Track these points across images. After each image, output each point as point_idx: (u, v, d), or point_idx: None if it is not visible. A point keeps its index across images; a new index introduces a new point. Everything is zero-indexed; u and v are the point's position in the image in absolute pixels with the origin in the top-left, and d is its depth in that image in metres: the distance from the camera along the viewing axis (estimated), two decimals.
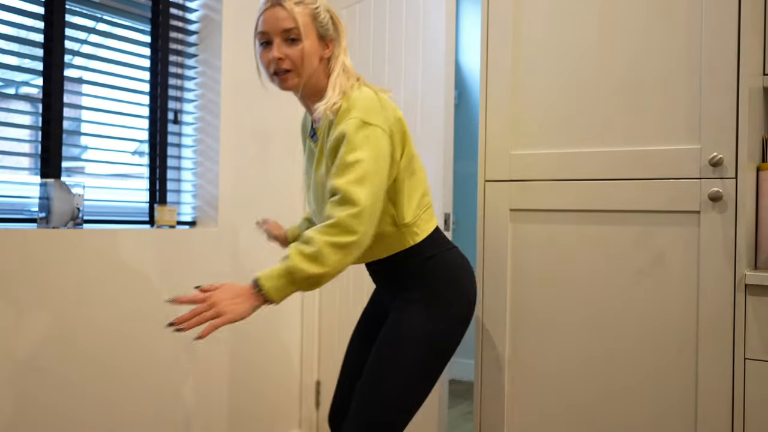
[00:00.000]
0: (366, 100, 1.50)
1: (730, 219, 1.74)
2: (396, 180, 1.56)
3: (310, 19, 1.54)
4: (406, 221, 1.58)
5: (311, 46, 1.54)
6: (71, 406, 1.97)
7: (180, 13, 2.49)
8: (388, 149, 1.48)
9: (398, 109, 1.57)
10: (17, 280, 1.84)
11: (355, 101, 1.50)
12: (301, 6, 1.54)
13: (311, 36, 1.54)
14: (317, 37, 1.56)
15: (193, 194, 2.54)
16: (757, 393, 1.70)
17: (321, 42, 1.57)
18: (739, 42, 1.73)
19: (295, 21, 1.52)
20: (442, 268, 1.61)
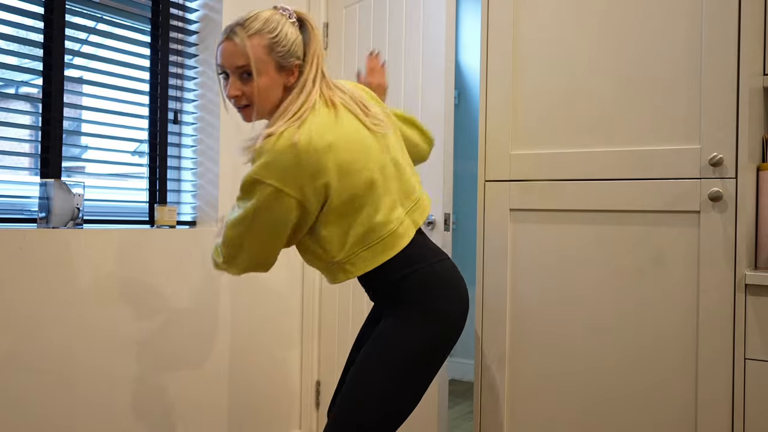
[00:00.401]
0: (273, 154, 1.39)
1: (730, 219, 1.74)
2: (317, 223, 1.50)
3: (265, 52, 1.45)
4: (335, 259, 1.52)
5: (268, 81, 1.47)
6: (71, 406, 1.97)
7: (180, 13, 2.49)
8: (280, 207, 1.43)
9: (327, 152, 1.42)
10: (17, 280, 1.84)
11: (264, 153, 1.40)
12: (256, 38, 1.46)
13: (268, 70, 1.47)
14: (275, 68, 1.48)
15: (193, 194, 2.54)
16: (757, 393, 1.70)
17: (282, 72, 1.49)
18: (739, 42, 1.73)
19: (247, 57, 1.45)
20: (411, 290, 1.53)
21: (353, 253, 1.51)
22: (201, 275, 2.37)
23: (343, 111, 1.51)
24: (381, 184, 1.51)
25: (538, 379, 2.01)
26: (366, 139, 1.51)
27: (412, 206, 1.59)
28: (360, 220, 1.49)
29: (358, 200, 1.49)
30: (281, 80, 1.49)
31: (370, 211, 1.50)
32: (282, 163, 1.40)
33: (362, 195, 1.49)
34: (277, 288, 2.71)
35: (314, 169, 1.42)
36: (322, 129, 1.44)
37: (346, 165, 1.45)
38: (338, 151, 1.44)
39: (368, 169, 1.49)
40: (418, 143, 1.83)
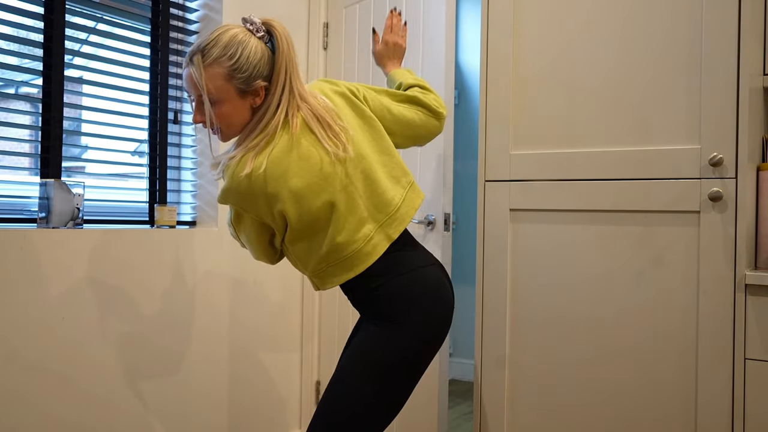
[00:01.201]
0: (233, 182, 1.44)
1: (730, 219, 1.74)
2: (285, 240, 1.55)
3: (224, 80, 1.43)
4: (306, 270, 1.58)
5: (230, 108, 1.46)
6: (71, 406, 1.97)
7: (180, 13, 2.49)
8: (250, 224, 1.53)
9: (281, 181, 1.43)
10: (17, 280, 1.84)
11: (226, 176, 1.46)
12: (214, 66, 1.42)
13: (229, 97, 1.45)
14: (237, 94, 1.45)
15: (193, 194, 2.54)
16: (757, 393, 1.70)
17: (245, 96, 1.46)
18: (739, 42, 1.73)
19: (206, 87, 1.43)
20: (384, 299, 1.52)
21: (321, 269, 1.54)
22: (201, 275, 2.37)
23: (304, 134, 1.48)
24: (344, 205, 1.50)
25: (538, 379, 2.01)
26: (325, 163, 1.48)
27: (385, 220, 1.55)
28: (322, 242, 1.51)
29: (318, 224, 1.50)
30: (245, 104, 1.48)
31: (332, 232, 1.50)
32: (239, 191, 1.45)
33: (322, 218, 1.49)
34: (277, 288, 2.71)
35: (269, 197, 1.44)
36: (279, 157, 1.44)
37: (302, 192, 1.45)
38: (293, 178, 1.44)
39: (327, 192, 1.48)
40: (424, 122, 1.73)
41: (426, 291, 1.53)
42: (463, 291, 4.11)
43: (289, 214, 1.46)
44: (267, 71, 1.48)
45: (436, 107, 1.72)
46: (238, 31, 1.47)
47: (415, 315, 1.50)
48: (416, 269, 1.55)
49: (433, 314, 1.53)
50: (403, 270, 1.54)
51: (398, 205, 1.57)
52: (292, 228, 1.50)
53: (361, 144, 1.56)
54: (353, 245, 1.51)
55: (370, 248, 1.52)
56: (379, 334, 1.50)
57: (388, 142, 1.63)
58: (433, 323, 1.53)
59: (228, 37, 1.44)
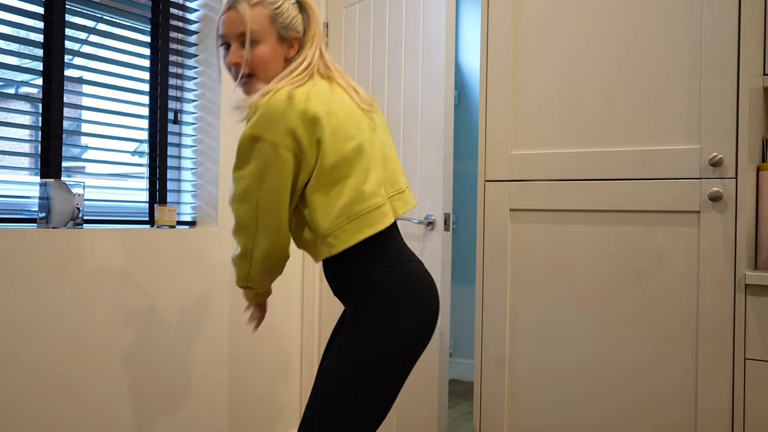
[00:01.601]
0: (269, 107, 1.40)
1: (730, 219, 1.74)
2: (308, 187, 1.47)
3: (267, 21, 1.49)
4: (320, 230, 1.47)
5: (269, 50, 1.50)
6: (71, 406, 1.97)
7: (180, 13, 2.49)
8: (280, 163, 1.42)
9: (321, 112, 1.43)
10: (17, 280, 1.84)
11: (259, 108, 1.41)
12: (259, 7, 1.49)
13: (269, 39, 1.49)
14: (277, 39, 1.51)
15: (193, 194, 2.54)
16: (757, 393, 1.70)
17: (283, 43, 1.52)
18: (739, 42, 1.73)
19: (249, 25, 1.47)
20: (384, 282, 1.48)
21: (338, 225, 1.46)
22: (201, 275, 2.37)
23: (338, 86, 1.53)
24: (370, 156, 1.51)
25: (538, 379, 2.01)
26: (358, 114, 1.52)
27: (395, 193, 1.56)
28: (348, 187, 1.47)
29: (347, 166, 1.47)
30: (282, 51, 1.52)
31: (358, 179, 1.48)
32: (278, 114, 1.40)
33: (351, 161, 1.47)
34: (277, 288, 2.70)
35: (309, 122, 1.42)
36: (319, 94, 1.47)
37: (338, 128, 1.45)
38: (332, 115, 1.45)
39: (359, 138, 1.49)
40: None
41: (416, 285, 1.51)
42: (463, 291, 4.11)
43: (324, 146, 1.43)
44: (301, 29, 1.54)
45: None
46: None
47: (404, 309, 1.48)
48: (407, 262, 1.53)
49: (422, 309, 1.50)
50: (394, 261, 1.51)
51: (404, 188, 1.61)
52: (321, 168, 1.44)
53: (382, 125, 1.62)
54: (376, 199, 1.49)
55: (387, 209, 1.52)
56: (365, 329, 1.47)
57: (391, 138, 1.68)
58: (423, 318, 1.50)
59: None
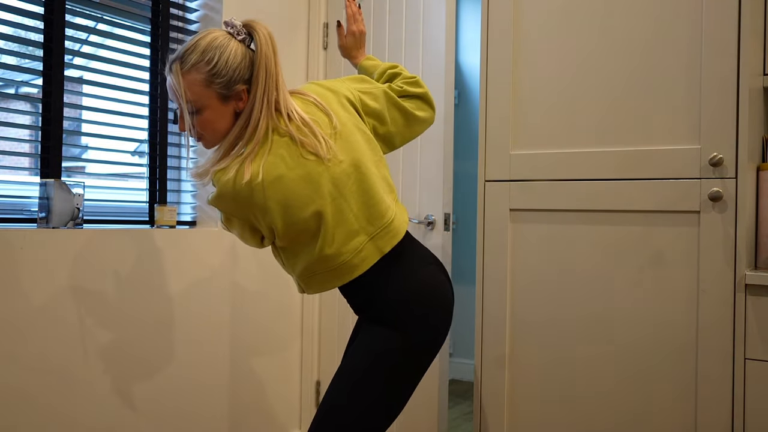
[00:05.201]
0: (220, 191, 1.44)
1: (730, 219, 1.74)
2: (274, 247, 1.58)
3: (203, 87, 1.42)
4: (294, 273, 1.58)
5: (213, 114, 1.45)
6: (71, 406, 1.97)
7: (180, 13, 2.49)
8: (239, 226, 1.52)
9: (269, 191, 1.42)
10: (18, 280, 1.84)
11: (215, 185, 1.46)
12: (192, 72, 1.42)
13: (210, 103, 1.44)
14: (218, 99, 1.44)
15: (193, 194, 2.54)
16: (757, 393, 1.70)
17: (227, 101, 1.45)
18: (739, 42, 1.73)
19: (185, 95, 1.42)
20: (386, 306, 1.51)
21: (307, 275, 1.53)
22: (201, 275, 2.37)
23: (288, 143, 1.45)
24: (332, 217, 1.47)
25: (538, 379, 2.01)
26: (313, 174, 1.45)
27: (377, 232, 1.50)
28: (310, 251, 1.49)
29: (306, 235, 1.48)
30: (228, 109, 1.46)
31: (321, 243, 1.47)
32: (228, 199, 1.44)
33: (310, 229, 1.47)
34: (277, 288, 2.71)
35: (258, 208, 1.44)
36: (274, 163, 1.42)
37: (290, 202, 1.43)
38: (281, 189, 1.42)
39: (315, 203, 1.45)
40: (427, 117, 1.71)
41: (424, 294, 1.52)
42: (463, 291, 4.11)
43: (277, 226, 1.46)
44: (249, 74, 1.46)
45: (431, 98, 1.73)
46: (218, 35, 1.46)
47: (415, 319, 1.49)
48: (413, 273, 1.53)
49: (431, 316, 1.51)
50: (400, 276, 1.52)
51: (392, 219, 1.53)
52: (280, 237, 1.50)
53: (362, 153, 1.53)
54: (342, 257, 1.48)
55: (358, 261, 1.49)
56: (381, 337, 1.49)
57: (380, 153, 1.61)
58: (434, 324, 1.52)
59: (206, 42, 1.44)
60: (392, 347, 1.48)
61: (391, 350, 1.48)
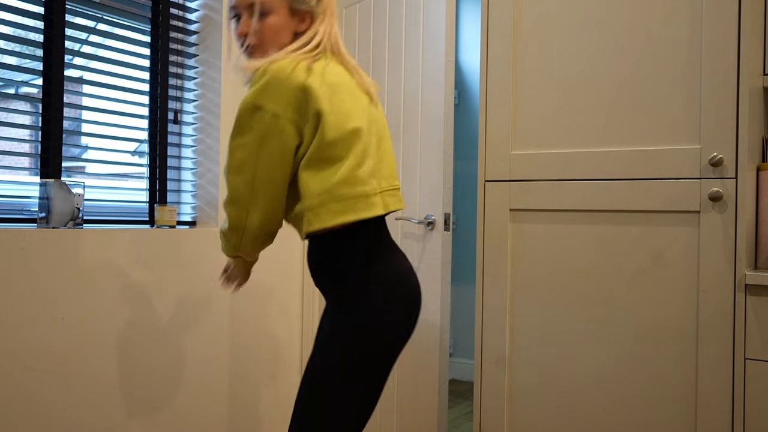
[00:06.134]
0: (275, 76, 1.38)
1: (730, 219, 1.74)
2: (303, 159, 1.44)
3: None
4: (304, 204, 1.43)
5: (279, 21, 1.48)
6: (71, 406, 1.97)
7: (180, 13, 2.49)
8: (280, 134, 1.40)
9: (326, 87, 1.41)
10: (17, 280, 1.84)
11: (266, 74, 1.39)
12: None
13: (280, 10, 1.48)
14: (288, 11, 1.48)
15: (193, 194, 2.54)
16: (757, 393, 1.70)
17: (294, 16, 1.49)
18: (739, 42, 1.73)
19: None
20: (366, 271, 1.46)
21: (321, 202, 1.42)
22: (201, 275, 2.37)
23: (345, 68, 1.51)
24: (367, 143, 1.47)
25: (538, 379, 2.01)
26: (362, 99, 1.50)
27: (389, 188, 1.53)
28: (342, 168, 1.43)
29: (344, 146, 1.43)
30: (292, 24, 1.50)
31: (353, 162, 1.43)
32: (283, 84, 1.38)
33: (349, 142, 1.43)
34: (277, 288, 2.71)
35: (312, 95, 1.39)
36: (325, 70, 1.44)
37: (341, 107, 1.43)
38: (336, 93, 1.42)
39: (359, 121, 1.45)
40: None
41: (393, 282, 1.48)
42: (463, 291, 4.11)
43: (324, 121, 1.40)
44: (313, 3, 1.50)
45: None
46: None
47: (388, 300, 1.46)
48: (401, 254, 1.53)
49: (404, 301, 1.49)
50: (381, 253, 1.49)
51: (398, 186, 1.58)
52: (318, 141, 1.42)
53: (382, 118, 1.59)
54: (366, 186, 1.45)
55: (376, 200, 1.47)
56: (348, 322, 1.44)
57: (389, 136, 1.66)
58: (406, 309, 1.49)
59: None
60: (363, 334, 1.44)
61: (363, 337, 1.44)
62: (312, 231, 1.43)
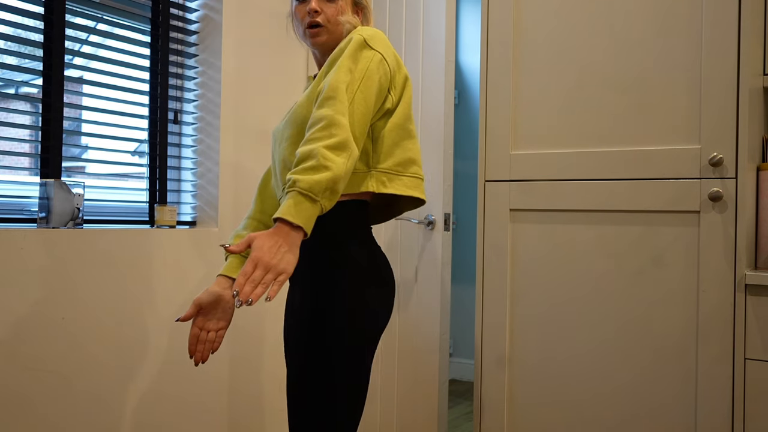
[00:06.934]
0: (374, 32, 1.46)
1: (730, 219, 1.74)
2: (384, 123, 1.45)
3: None
4: (379, 165, 1.43)
5: (344, 7, 1.56)
6: (71, 406, 1.97)
7: (180, 13, 2.49)
8: (381, 76, 1.40)
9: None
10: (17, 280, 1.84)
11: (364, 29, 1.46)
12: None
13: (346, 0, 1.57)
14: (352, 2, 1.59)
15: (193, 194, 2.54)
16: (757, 393, 1.70)
17: (354, 8, 1.60)
18: (739, 42, 1.73)
19: None
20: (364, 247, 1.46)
21: (397, 171, 1.45)
22: (201, 275, 2.37)
23: None
24: None
25: (538, 378, 2.01)
26: None
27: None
28: (415, 146, 1.52)
29: (413, 125, 1.53)
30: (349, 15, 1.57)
31: (419, 145, 1.54)
32: (385, 41, 1.47)
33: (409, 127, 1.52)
34: None
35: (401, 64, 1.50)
36: None
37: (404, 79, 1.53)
38: None
39: None
40: None
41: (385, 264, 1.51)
42: (463, 291, 4.11)
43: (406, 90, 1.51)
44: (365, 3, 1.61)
45: None
46: None
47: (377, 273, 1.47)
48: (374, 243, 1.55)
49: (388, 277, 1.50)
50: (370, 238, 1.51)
51: None
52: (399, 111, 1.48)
53: None
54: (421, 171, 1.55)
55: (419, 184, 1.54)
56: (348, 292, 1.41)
57: None
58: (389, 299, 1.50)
59: None
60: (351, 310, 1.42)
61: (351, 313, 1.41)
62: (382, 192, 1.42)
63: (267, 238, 1.19)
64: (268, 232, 1.20)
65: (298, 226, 1.21)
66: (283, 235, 1.20)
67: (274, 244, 1.19)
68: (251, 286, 1.18)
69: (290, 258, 1.20)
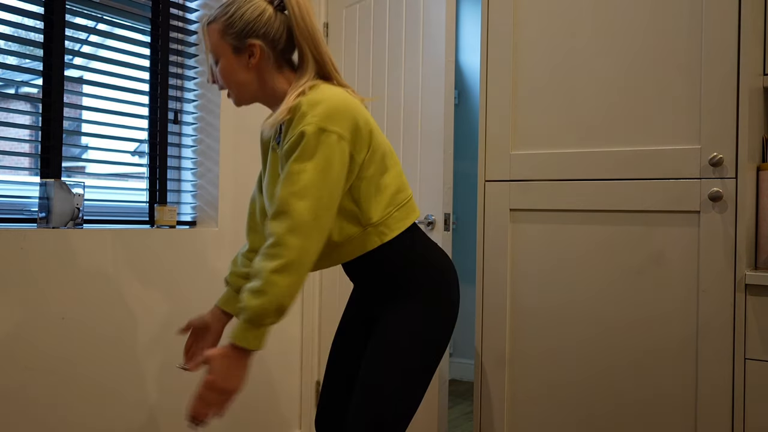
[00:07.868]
0: (327, 101, 1.37)
1: (730, 219, 1.74)
2: (360, 180, 1.45)
3: (218, 37, 1.47)
4: (372, 221, 1.46)
5: (226, 64, 1.48)
6: (69, 406, 1.97)
7: (180, 13, 2.49)
8: (343, 158, 1.38)
9: (362, 106, 1.46)
10: (17, 280, 1.84)
11: (313, 102, 1.37)
12: (213, 24, 1.49)
13: (224, 53, 1.48)
14: (231, 51, 1.47)
15: (193, 194, 2.54)
16: (757, 393, 1.70)
17: (239, 54, 1.47)
18: (739, 42, 1.73)
19: (207, 44, 1.51)
20: (424, 266, 1.51)
21: (388, 213, 1.48)
22: (201, 275, 2.37)
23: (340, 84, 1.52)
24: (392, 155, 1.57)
25: (538, 378, 2.01)
26: None
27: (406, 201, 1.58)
28: (392, 176, 1.51)
29: (389, 157, 1.52)
30: (241, 62, 1.48)
31: (398, 170, 1.53)
32: (339, 106, 1.38)
33: (388, 154, 1.52)
34: None
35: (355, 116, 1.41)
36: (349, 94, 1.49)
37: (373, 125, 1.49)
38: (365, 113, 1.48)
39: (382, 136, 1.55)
40: None
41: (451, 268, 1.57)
42: (463, 291, 4.11)
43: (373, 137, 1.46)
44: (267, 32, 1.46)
45: None
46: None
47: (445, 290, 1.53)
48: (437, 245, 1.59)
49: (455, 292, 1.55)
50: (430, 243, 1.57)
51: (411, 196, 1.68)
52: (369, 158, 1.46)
53: None
54: (409, 190, 1.56)
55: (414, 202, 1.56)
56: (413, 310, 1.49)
57: None
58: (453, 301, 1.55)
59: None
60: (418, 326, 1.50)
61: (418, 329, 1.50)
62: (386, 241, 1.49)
63: (221, 361, 1.34)
64: (222, 354, 1.34)
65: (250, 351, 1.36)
66: (235, 358, 1.35)
67: (227, 368, 1.34)
68: (206, 410, 1.35)
69: (241, 378, 1.36)
